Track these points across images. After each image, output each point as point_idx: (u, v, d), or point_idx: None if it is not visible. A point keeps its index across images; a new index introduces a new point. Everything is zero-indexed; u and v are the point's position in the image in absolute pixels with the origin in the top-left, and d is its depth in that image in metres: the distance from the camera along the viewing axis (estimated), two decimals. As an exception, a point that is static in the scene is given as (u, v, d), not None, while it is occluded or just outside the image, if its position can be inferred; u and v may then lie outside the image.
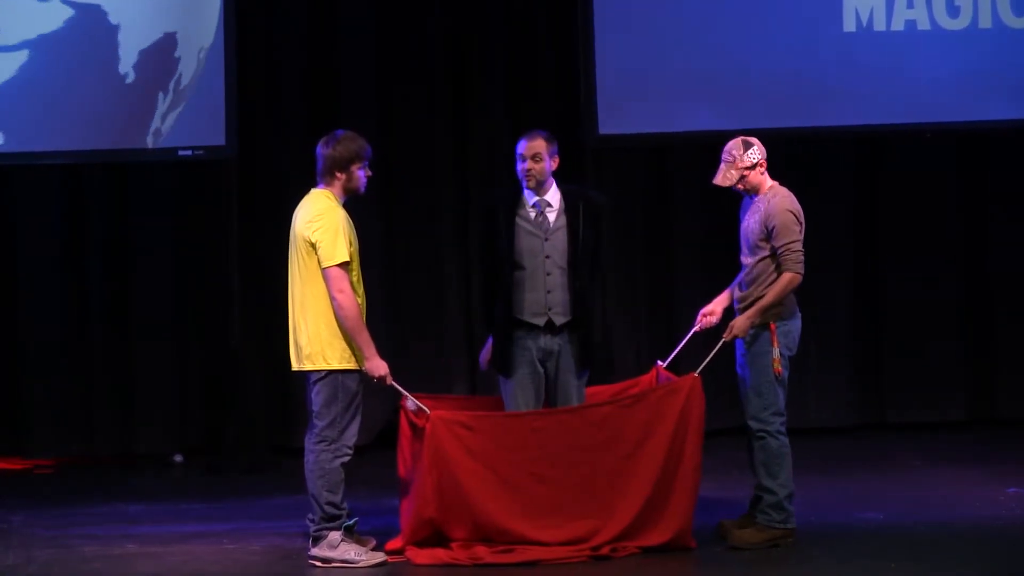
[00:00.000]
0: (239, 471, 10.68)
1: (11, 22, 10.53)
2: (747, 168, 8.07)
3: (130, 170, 11.07)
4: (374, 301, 9.01)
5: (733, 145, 8.12)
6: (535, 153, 8.17)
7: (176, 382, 11.22)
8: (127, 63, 10.63)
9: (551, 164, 8.21)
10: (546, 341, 8.17)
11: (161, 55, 10.63)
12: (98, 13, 10.61)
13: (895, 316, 11.68)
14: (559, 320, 8.17)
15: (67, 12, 10.60)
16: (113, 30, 10.62)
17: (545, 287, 8.16)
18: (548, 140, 8.23)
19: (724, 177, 8.11)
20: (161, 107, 10.64)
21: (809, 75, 11.01)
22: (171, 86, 10.64)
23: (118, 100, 10.62)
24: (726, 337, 8.06)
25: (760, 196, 8.11)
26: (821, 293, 11.34)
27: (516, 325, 8.15)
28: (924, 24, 11.09)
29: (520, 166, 8.19)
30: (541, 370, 8.19)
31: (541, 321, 8.16)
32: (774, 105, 10.90)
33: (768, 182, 8.14)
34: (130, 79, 10.61)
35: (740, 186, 8.12)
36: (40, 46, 10.56)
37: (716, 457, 9.60)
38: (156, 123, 10.63)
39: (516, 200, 8.22)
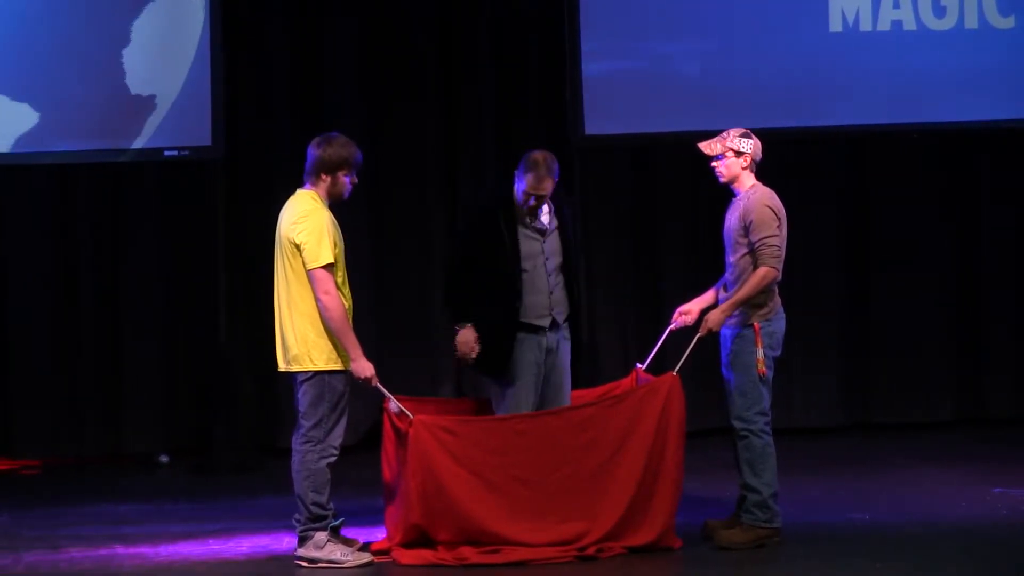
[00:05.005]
0: (227, 471, 10.69)
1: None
2: (732, 150, 8.08)
3: (118, 170, 11.07)
4: (362, 302, 9.01)
5: (734, 129, 8.16)
6: (544, 195, 8.13)
7: (164, 382, 11.23)
8: (115, 64, 10.63)
9: None
10: (548, 339, 8.22)
11: (148, 56, 10.63)
12: (83, 15, 10.61)
13: (882, 316, 11.70)
14: (560, 318, 8.27)
15: (52, 13, 10.61)
16: (100, 31, 10.62)
17: (548, 288, 8.20)
18: (558, 177, 8.19)
19: (709, 146, 8.15)
20: (147, 108, 10.64)
21: (795, 75, 11.03)
22: (158, 86, 10.64)
23: (105, 101, 10.62)
24: (701, 332, 8.07)
25: (741, 194, 8.13)
26: (809, 293, 11.38)
27: (519, 328, 8.17)
28: (910, 24, 11.11)
29: (528, 199, 8.10)
30: (543, 369, 8.23)
31: (546, 322, 8.22)
32: (759, 105, 10.91)
33: (750, 181, 8.15)
34: (118, 80, 10.62)
35: (716, 166, 8.12)
36: (26, 47, 10.57)
37: (703, 457, 9.65)
38: (142, 123, 10.64)
39: (512, 204, 8.20)
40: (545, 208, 8.23)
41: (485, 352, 8.25)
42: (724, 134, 8.15)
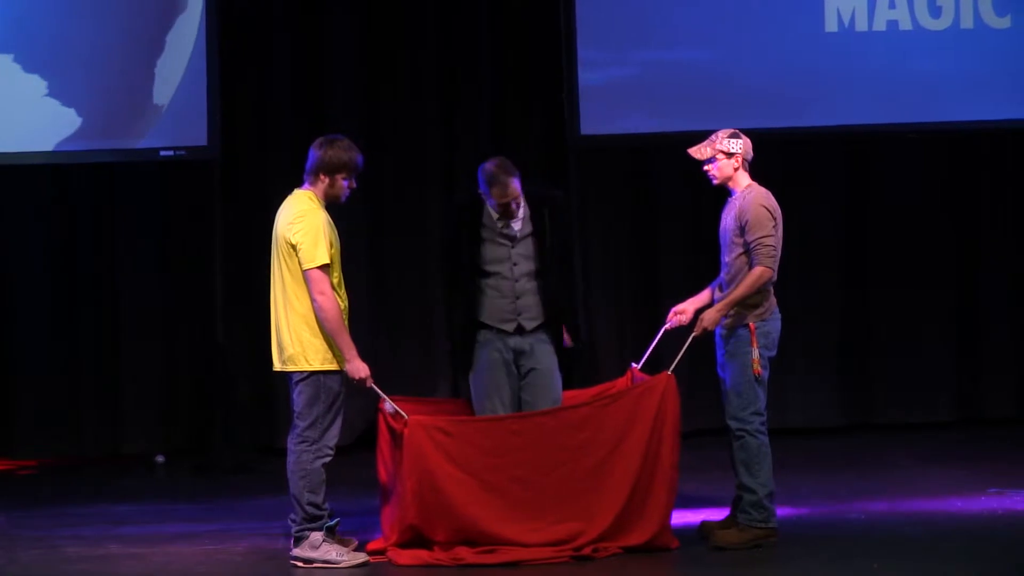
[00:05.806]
0: (225, 472, 10.69)
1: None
2: (722, 152, 8.07)
3: (116, 170, 11.08)
4: (360, 303, 9.03)
5: (723, 131, 8.14)
6: (517, 196, 8.06)
7: (161, 382, 11.24)
8: (111, 64, 10.63)
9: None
10: (516, 341, 8.17)
11: (144, 55, 10.64)
12: (82, 14, 10.62)
13: (882, 316, 11.69)
14: (530, 325, 8.17)
15: (45, 13, 10.62)
16: (96, 31, 10.62)
17: (514, 294, 8.14)
18: (518, 174, 8.09)
19: (699, 151, 8.13)
20: (144, 108, 10.64)
21: (790, 76, 11.02)
22: (154, 86, 10.65)
23: (101, 101, 10.63)
24: (696, 331, 8.05)
25: (737, 194, 8.12)
26: (808, 293, 11.37)
27: (482, 328, 8.14)
28: (906, 24, 11.09)
29: (499, 203, 8.02)
30: (514, 369, 8.18)
31: (511, 327, 8.16)
32: (756, 106, 10.90)
33: (745, 181, 8.14)
34: (114, 80, 10.63)
35: (708, 170, 8.11)
36: (23, 46, 10.58)
37: (699, 457, 9.63)
38: (139, 124, 10.64)
39: (480, 207, 8.16)
40: (520, 214, 8.16)
41: (453, 349, 8.29)
42: (713, 137, 8.14)
